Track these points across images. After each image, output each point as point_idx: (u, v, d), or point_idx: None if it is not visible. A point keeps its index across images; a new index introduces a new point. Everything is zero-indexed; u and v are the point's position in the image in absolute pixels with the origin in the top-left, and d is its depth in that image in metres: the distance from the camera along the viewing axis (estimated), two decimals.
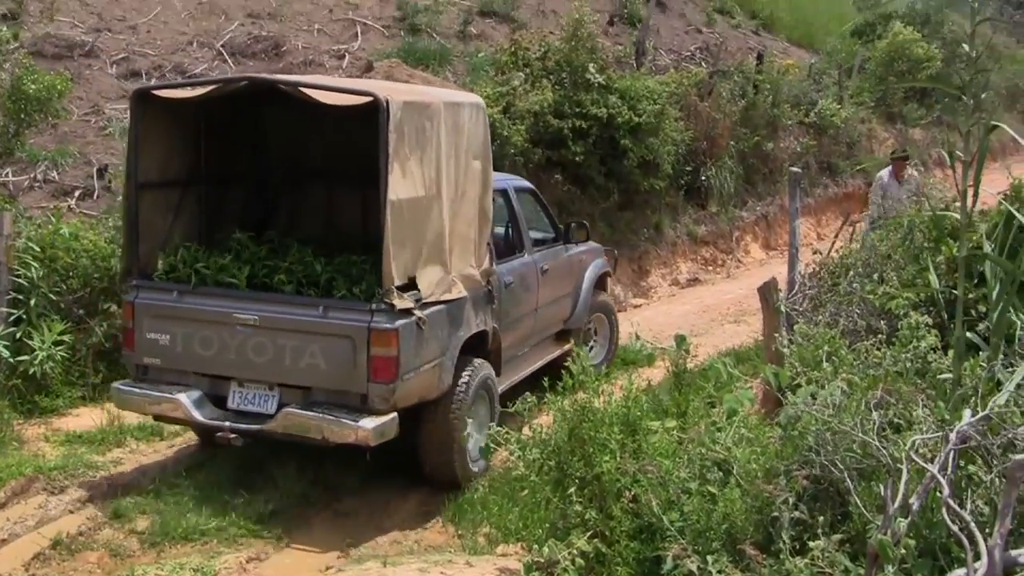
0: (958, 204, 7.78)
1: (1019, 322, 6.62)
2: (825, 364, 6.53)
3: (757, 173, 24.23)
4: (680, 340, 7.05)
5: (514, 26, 25.29)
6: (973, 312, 7.52)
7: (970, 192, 5.90)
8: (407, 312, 8.69)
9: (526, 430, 6.84)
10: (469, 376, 9.63)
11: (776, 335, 8.26)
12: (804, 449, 5.59)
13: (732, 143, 22.97)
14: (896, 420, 5.89)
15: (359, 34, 22.76)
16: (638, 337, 12.67)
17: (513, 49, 20.38)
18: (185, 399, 9.07)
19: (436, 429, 9.41)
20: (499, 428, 6.79)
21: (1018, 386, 5.70)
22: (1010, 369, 5.99)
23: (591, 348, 13.26)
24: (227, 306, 9.12)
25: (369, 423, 8.53)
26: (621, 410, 6.49)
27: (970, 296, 7.28)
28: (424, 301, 8.95)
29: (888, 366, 6.40)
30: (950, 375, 6.22)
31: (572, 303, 12.95)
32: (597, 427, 6.33)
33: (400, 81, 17.57)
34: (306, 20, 22.80)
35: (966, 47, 6.24)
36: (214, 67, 19.90)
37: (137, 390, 9.41)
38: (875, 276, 9.77)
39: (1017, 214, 6.71)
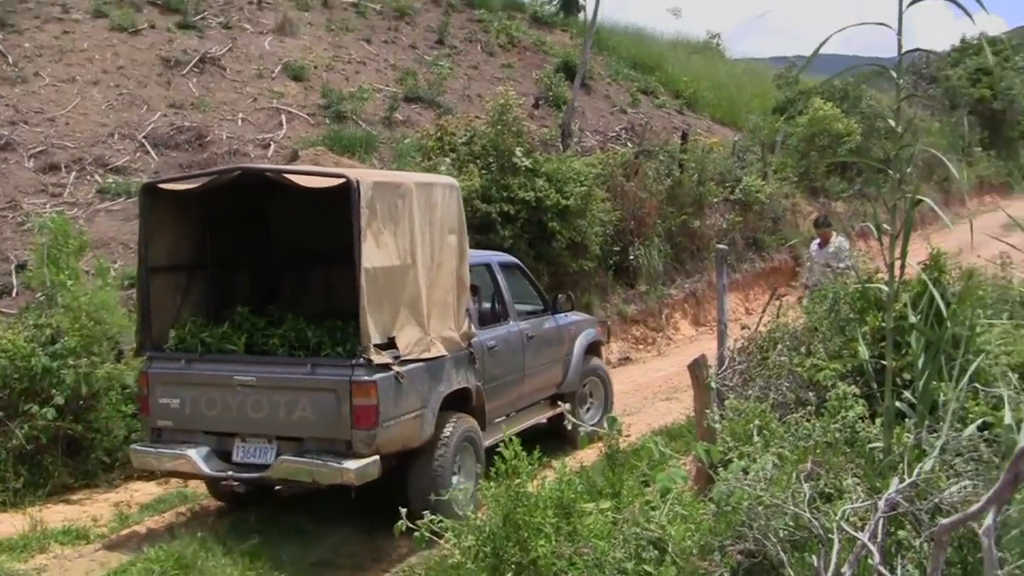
0: (880, 275, 7.91)
1: (944, 389, 6.73)
2: (756, 438, 6.61)
3: (685, 251, 24.42)
4: (611, 421, 7.10)
5: (440, 111, 25.50)
6: (898, 380, 7.63)
7: (897, 264, 6.01)
8: (386, 367, 9.72)
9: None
10: (452, 428, 10.67)
11: (707, 411, 8.33)
12: (737, 524, 5.65)
13: (659, 222, 23.15)
14: (827, 490, 5.97)
15: (284, 122, 22.79)
16: (571, 420, 12.69)
17: (439, 134, 20.52)
18: (195, 455, 10.17)
19: (420, 474, 10.30)
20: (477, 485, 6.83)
21: (943, 451, 5.80)
22: (935, 435, 6.09)
23: (587, 410, 14.60)
24: (228, 370, 10.26)
25: (352, 465, 9.51)
26: (555, 493, 6.51)
27: (895, 364, 7.40)
28: (403, 358, 9.98)
29: (818, 437, 6.49)
30: (879, 444, 6.30)
31: (563, 369, 14.00)
32: (531, 511, 6.34)
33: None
34: (230, 109, 22.80)
35: (890, 121, 6.38)
36: (136, 159, 19.85)
37: (152, 450, 10.56)
38: (803, 349, 9.89)
39: (933, 288, 6.83)
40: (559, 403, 13.25)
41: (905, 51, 5.85)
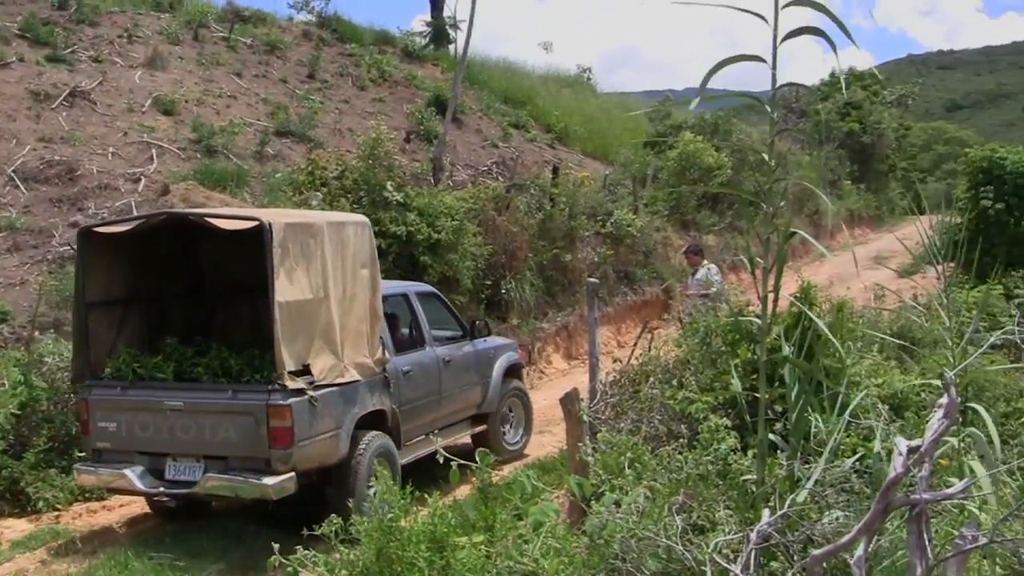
0: (752, 308, 7.92)
1: (816, 421, 6.75)
2: (628, 471, 6.57)
3: (556, 284, 24.45)
4: (483, 456, 7.03)
5: (311, 145, 25.38)
6: (771, 412, 7.64)
7: (770, 297, 6.02)
8: (300, 391, 10.73)
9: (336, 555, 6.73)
10: (366, 446, 11.65)
11: (580, 444, 8.30)
12: (610, 557, 5.60)
13: (531, 255, 23.16)
14: (700, 522, 5.94)
15: (155, 157, 22.44)
16: (442, 455, 12.68)
17: (310, 169, 20.39)
18: (131, 473, 11.18)
19: (337, 487, 11.30)
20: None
21: (816, 483, 5.80)
22: (808, 467, 6.10)
23: (508, 429, 15.60)
24: (159, 396, 11.29)
25: (270, 481, 10.55)
26: (428, 527, 6.43)
27: (768, 396, 7.42)
28: (317, 383, 10.98)
29: (690, 470, 6.46)
30: (752, 476, 6.30)
31: (483, 390, 14.99)
32: (404, 546, 6.26)
33: (196, 204, 18.58)
34: (100, 143, 22.41)
35: (763, 155, 6.39)
36: (5, 193, 19.48)
37: (93, 468, 11.62)
38: (674, 381, 9.91)
39: (817, 320, 6.85)
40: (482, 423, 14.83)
41: (779, 85, 5.86)
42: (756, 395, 6.21)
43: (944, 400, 4.90)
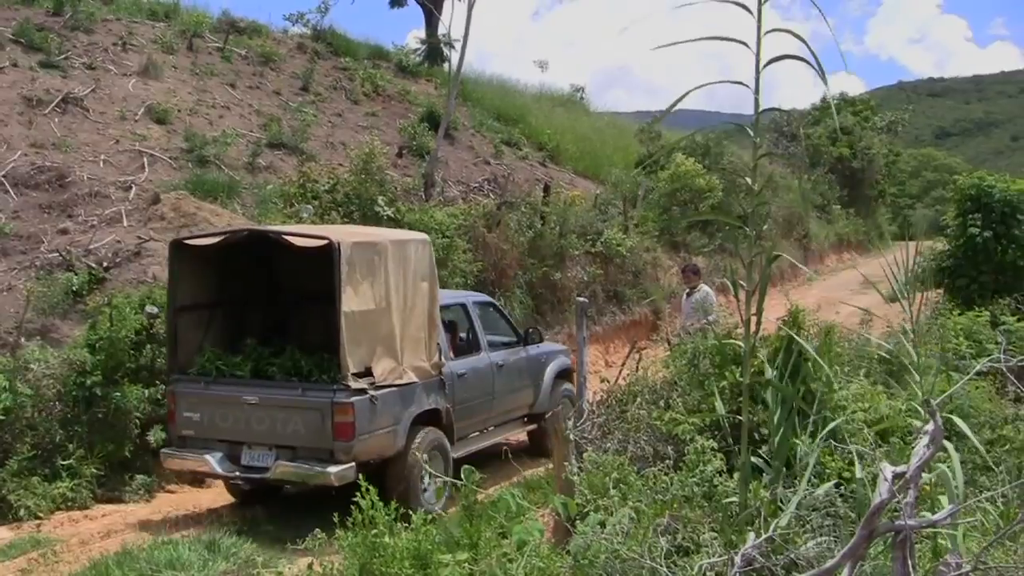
0: (740, 331, 7.93)
1: (799, 445, 6.76)
2: (613, 491, 6.57)
3: (546, 302, 24.38)
4: (468, 473, 7.03)
5: (303, 158, 25.29)
6: (755, 435, 7.65)
7: (753, 320, 6.03)
8: (362, 391, 12.09)
9: (316, 566, 6.72)
10: (420, 440, 12.94)
11: (566, 463, 8.30)
12: None
13: (520, 273, 23.12)
14: (685, 544, 5.94)
15: (146, 165, 22.28)
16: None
17: (301, 181, 20.40)
18: (212, 459, 12.62)
19: (394, 475, 12.59)
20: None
21: (800, 507, 5.81)
22: (791, 490, 6.10)
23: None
24: (237, 391, 12.73)
25: (333, 469, 11.86)
26: (412, 544, 6.42)
27: (753, 419, 7.42)
28: (378, 384, 12.36)
29: (676, 491, 6.47)
30: (736, 498, 6.30)
31: (534, 392, 16.29)
32: (388, 562, 6.26)
33: (187, 213, 19.01)
34: (91, 151, 22.28)
35: (748, 179, 6.41)
36: None
37: (178, 453, 13.06)
38: (661, 402, 9.91)
39: (798, 339, 6.87)
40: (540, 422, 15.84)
41: (762, 109, 5.89)
42: (741, 418, 6.22)
43: (930, 427, 4.92)
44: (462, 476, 6.78)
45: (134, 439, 14.15)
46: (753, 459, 6.82)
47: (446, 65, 38.70)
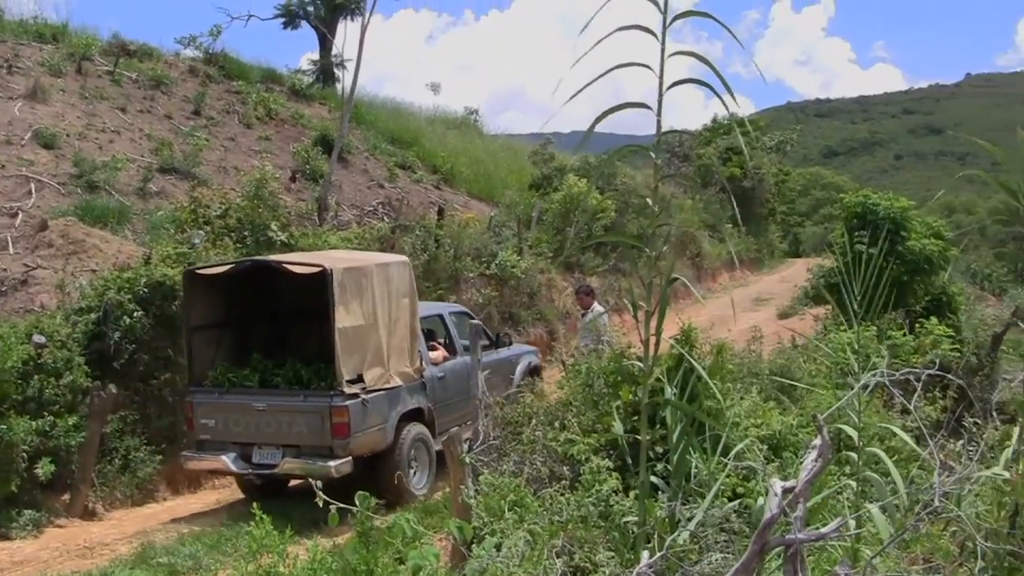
0: (633, 350, 7.99)
1: (696, 462, 6.82)
2: (510, 514, 6.58)
3: None
4: (363, 499, 7.00)
5: (195, 183, 25.01)
6: (652, 454, 7.70)
7: (652, 340, 6.07)
8: (355, 395, 13.83)
9: None
10: (406, 435, 14.69)
11: (462, 487, 8.30)
12: None
13: None
14: (581, 564, 5.97)
15: (33, 191, 21.94)
16: (322, 498, 12.70)
17: (193, 207, 20.19)
18: (227, 459, 14.26)
19: (385, 467, 14.20)
20: None
21: (696, 523, 5.86)
22: (687, 507, 6.15)
23: None
24: (247, 399, 14.42)
25: (333, 463, 13.53)
26: (307, 572, 6.38)
27: (649, 438, 7.48)
28: (368, 389, 14.09)
29: (572, 511, 6.50)
30: (633, 517, 6.34)
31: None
32: None
33: (76, 240, 19.02)
34: None
35: (647, 200, 6.44)
36: None
37: (197, 455, 14.65)
38: (557, 423, 9.95)
39: (695, 365, 6.93)
40: None
41: (663, 132, 5.95)
42: (638, 437, 6.26)
43: (817, 442, 4.99)
44: (356, 502, 6.74)
45: (21, 473, 13.68)
46: (651, 478, 6.86)
47: (340, 88, 38.63)
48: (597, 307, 18.09)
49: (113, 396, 14.64)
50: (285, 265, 14.72)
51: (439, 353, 16.61)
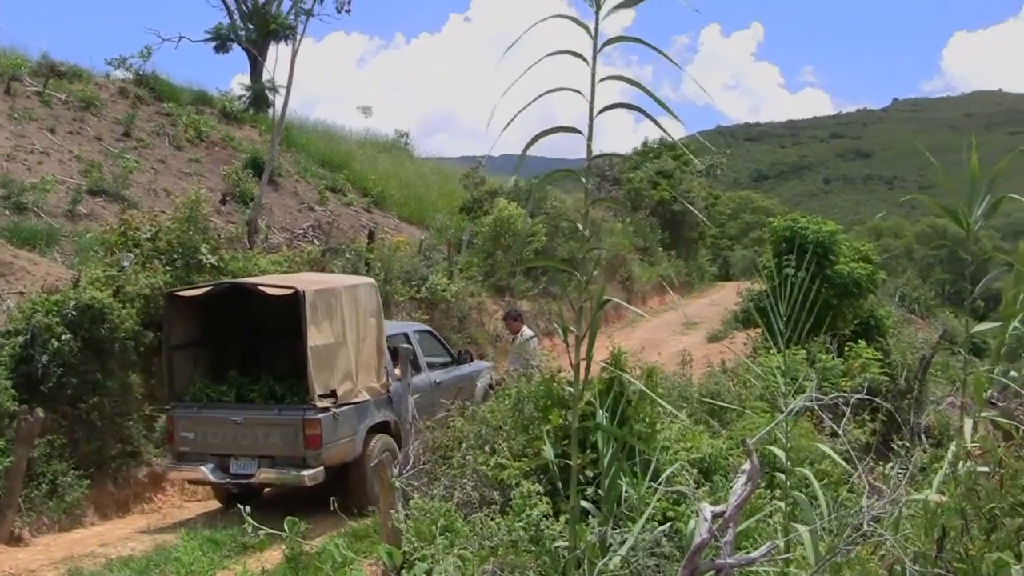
0: (563, 373, 8.00)
1: (627, 487, 6.83)
2: (440, 538, 6.56)
3: None
4: (291, 524, 6.96)
5: (125, 205, 24.89)
6: (582, 478, 7.70)
7: (583, 365, 6.07)
8: (326, 409, 14.57)
9: None
10: (374, 446, 15.39)
11: (392, 511, 8.27)
12: None
13: None
14: None
15: None
16: (250, 523, 12.61)
17: (123, 229, 20.03)
18: (206, 469, 14.98)
19: (354, 476, 15.08)
20: None
21: (629, 548, 5.87)
22: (618, 532, 6.16)
23: None
24: (225, 413, 15.16)
25: (306, 472, 14.35)
26: None
27: (580, 462, 7.48)
28: (339, 403, 14.83)
29: (502, 536, 6.48)
30: (564, 542, 6.33)
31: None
32: None
33: (3, 262, 19.07)
34: None
35: (577, 224, 6.47)
36: None
37: (177, 466, 15.44)
38: (487, 447, 9.95)
39: (625, 380, 6.94)
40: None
41: (594, 156, 5.96)
42: (569, 461, 6.26)
43: (747, 466, 5.02)
44: (285, 527, 6.70)
45: None
46: (582, 503, 6.87)
47: (271, 111, 38.47)
48: (526, 331, 18.25)
49: (40, 420, 14.18)
50: (260, 287, 15.53)
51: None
